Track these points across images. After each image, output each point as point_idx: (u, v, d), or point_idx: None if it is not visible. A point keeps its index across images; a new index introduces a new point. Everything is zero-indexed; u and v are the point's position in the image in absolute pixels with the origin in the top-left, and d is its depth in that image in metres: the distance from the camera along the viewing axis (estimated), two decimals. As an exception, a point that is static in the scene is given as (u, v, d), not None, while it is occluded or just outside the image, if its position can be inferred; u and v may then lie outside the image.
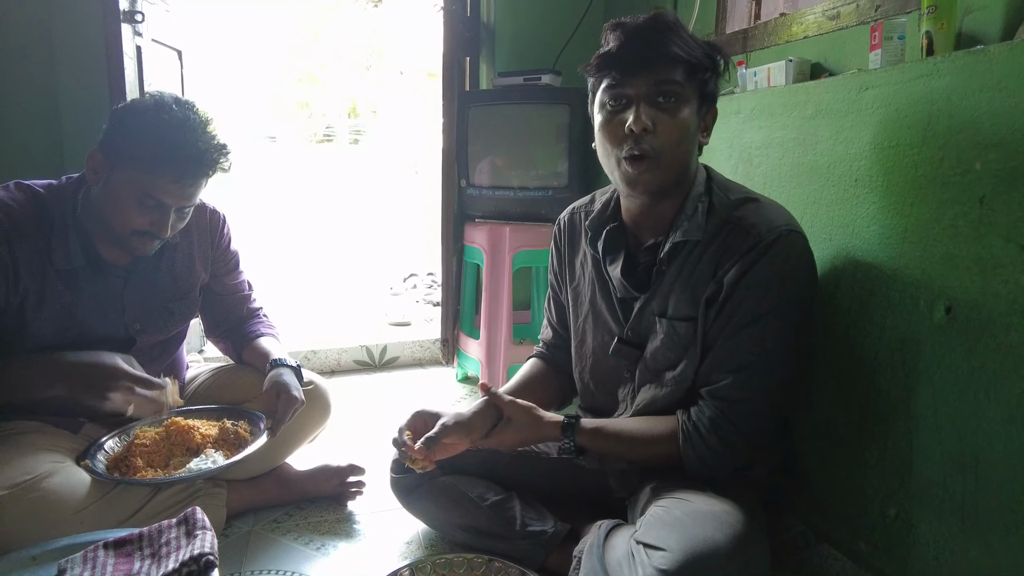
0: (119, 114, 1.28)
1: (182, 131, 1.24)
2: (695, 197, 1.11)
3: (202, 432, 1.39)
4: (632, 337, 1.19)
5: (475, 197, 2.37)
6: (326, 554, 1.40)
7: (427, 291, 4.06)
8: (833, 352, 1.27)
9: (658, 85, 1.03)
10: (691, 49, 1.04)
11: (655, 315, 1.15)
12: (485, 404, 1.18)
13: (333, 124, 14.23)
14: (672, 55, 1.02)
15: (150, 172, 1.23)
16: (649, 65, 1.03)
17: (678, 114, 1.04)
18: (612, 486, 1.27)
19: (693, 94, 1.05)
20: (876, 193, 1.19)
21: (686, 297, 1.11)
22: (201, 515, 1.06)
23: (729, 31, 1.96)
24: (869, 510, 1.20)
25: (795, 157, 1.42)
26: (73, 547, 1.02)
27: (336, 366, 2.72)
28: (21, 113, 2.16)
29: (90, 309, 1.34)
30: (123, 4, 1.95)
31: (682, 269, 1.11)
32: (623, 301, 1.20)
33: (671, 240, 1.10)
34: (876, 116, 1.18)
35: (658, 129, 1.03)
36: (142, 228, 1.28)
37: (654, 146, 1.04)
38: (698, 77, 1.05)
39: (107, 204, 1.27)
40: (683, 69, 1.03)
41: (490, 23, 2.56)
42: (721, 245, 1.08)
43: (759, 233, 1.05)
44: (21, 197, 1.29)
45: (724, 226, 1.08)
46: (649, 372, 1.18)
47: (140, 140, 1.23)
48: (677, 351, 1.13)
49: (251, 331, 1.63)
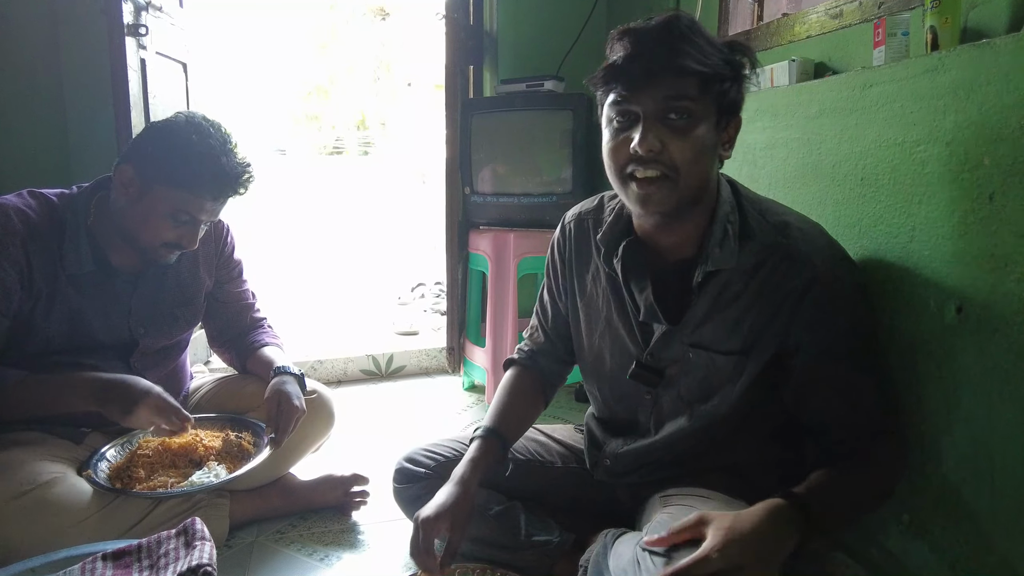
0: (157, 134, 1.32)
1: (224, 153, 1.31)
2: (723, 217, 1.01)
3: (205, 444, 1.38)
4: (652, 362, 1.11)
5: (480, 204, 2.37)
6: (330, 565, 1.39)
7: (435, 300, 4.05)
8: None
9: (668, 101, 0.93)
10: (706, 57, 0.93)
11: (686, 344, 1.07)
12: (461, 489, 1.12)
13: (342, 136, 14.34)
14: (684, 67, 0.91)
15: (191, 191, 1.29)
16: (658, 79, 0.92)
17: (691, 132, 0.94)
18: (619, 497, 1.25)
19: (710, 108, 0.95)
20: (882, 192, 1.17)
21: (728, 329, 1.03)
22: (200, 526, 1.06)
23: (732, 32, 1.95)
24: (882, 516, 1.17)
25: (800, 157, 1.40)
26: (72, 559, 1.02)
27: (343, 376, 2.71)
28: (30, 126, 2.19)
29: (97, 313, 1.36)
30: (127, 18, 1.97)
31: (718, 298, 1.02)
32: (644, 325, 1.11)
33: (703, 268, 1.02)
34: (881, 113, 1.16)
35: (669, 149, 0.94)
36: (171, 241, 1.33)
37: (666, 165, 0.95)
38: (715, 88, 0.94)
39: (137, 217, 1.31)
40: (697, 81, 0.92)
41: (492, 31, 2.56)
42: (769, 276, 0.99)
43: (814, 266, 0.98)
44: (35, 204, 1.31)
45: (768, 253, 1.00)
46: (682, 402, 1.11)
47: (181, 161, 1.28)
48: (714, 384, 1.07)
49: (255, 341, 1.63)
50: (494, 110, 2.35)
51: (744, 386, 1.05)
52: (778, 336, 1.01)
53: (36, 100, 2.19)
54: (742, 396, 1.06)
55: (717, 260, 1.01)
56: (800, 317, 0.98)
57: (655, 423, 1.16)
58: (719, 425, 1.09)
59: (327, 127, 14.28)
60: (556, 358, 1.33)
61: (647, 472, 1.19)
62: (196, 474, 1.31)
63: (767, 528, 0.89)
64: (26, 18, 2.16)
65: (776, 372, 1.04)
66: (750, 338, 1.02)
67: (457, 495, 1.11)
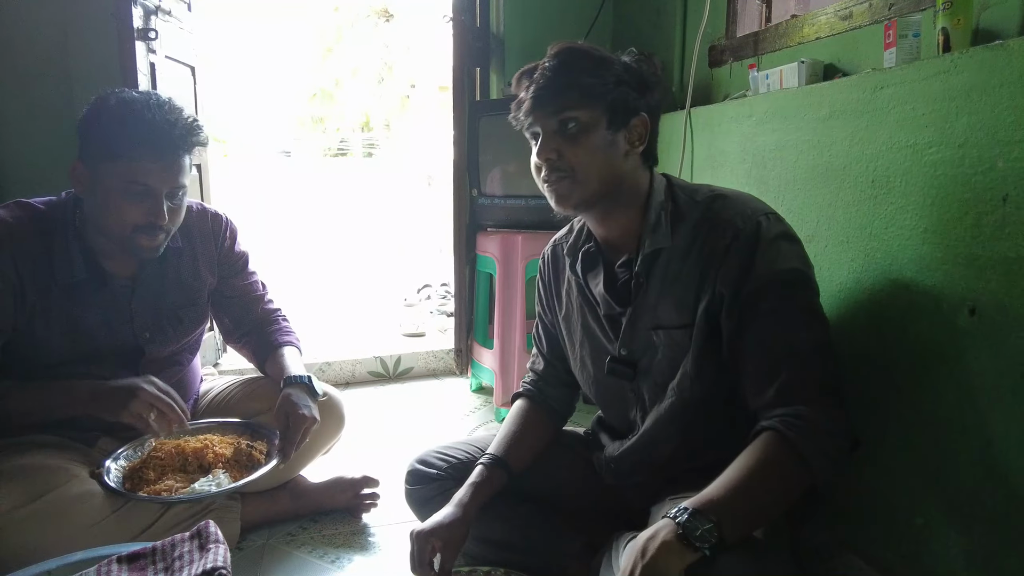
0: (86, 116, 1.27)
1: (148, 109, 1.24)
2: (656, 206, 1.12)
3: (216, 451, 1.37)
4: (626, 355, 1.17)
5: (487, 207, 2.37)
6: (341, 567, 1.39)
7: (441, 302, 4.06)
8: (852, 356, 1.24)
9: (558, 121, 1.08)
10: (589, 76, 1.07)
11: (649, 329, 1.12)
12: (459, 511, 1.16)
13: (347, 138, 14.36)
14: (566, 90, 1.07)
15: (128, 157, 1.22)
16: (547, 104, 1.08)
17: (583, 138, 1.07)
18: (629, 500, 1.25)
19: (599, 115, 1.07)
20: (894, 194, 1.17)
21: (676, 305, 1.09)
22: (214, 529, 1.06)
23: (740, 34, 1.95)
24: (895, 519, 1.17)
25: (810, 159, 1.40)
26: (87, 561, 1.01)
27: (351, 377, 2.72)
28: (39, 133, 2.20)
29: (97, 321, 1.34)
30: (137, 22, 1.98)
31: (664, 278, 1.10)
32: (610, 318, 1.18)
33: (642, 252, 1.11)
34: (892, 115, 1.16)
35: (565, 154, 1.08)
36: (140, 221, 1.26)
37: (566, 165, 1.08)
38: (600, 97, 1.07)
39: (100, 208, 1.27)
40: (579, 97, 1.07)
41: (499, 33, 2.57)
42: (702, 248, 1.07)
43: (736, 226, 1.04)
44: (22, 215, 1.29)
45: (698, 228, 1.09)
46: (658, 388, 1.14)
47: (110, 130, 1.23)
48: (677, 360, 1.11)
49: (273, 339, 1.60)
50: (502, 112, 2.33)
51: (695, 354, 1.07)
52: (709, 294, 1.05)
53: (46, 105, 2.20)
54: (699, 369, 1.07)
55: (652, 242, 1.10)
56: (723, 271, 1.04)
57: (642, 417, 1.19)
58: (694, 408, 1.10)
59: (332, 129, 14.31)
60: (559, 381, 1.36)
61: (649, 472, 1.20)
62: (200, 481, 1.30)
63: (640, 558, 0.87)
64: (36, 24, 2.17)
65: (716, 335, 1.06)
66: (694, 306, 1.08)
67: (454, 516, 1.15)
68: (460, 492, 1.20)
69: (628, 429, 1.23)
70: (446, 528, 1.13)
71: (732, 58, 1.95)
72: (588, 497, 1.31)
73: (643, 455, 1.19)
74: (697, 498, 0.91)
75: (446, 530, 1.13)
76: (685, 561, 0.86)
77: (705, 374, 1.08)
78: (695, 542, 0.86)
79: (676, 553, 0.86)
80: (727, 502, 0.90)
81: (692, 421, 1.12)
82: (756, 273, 1.01)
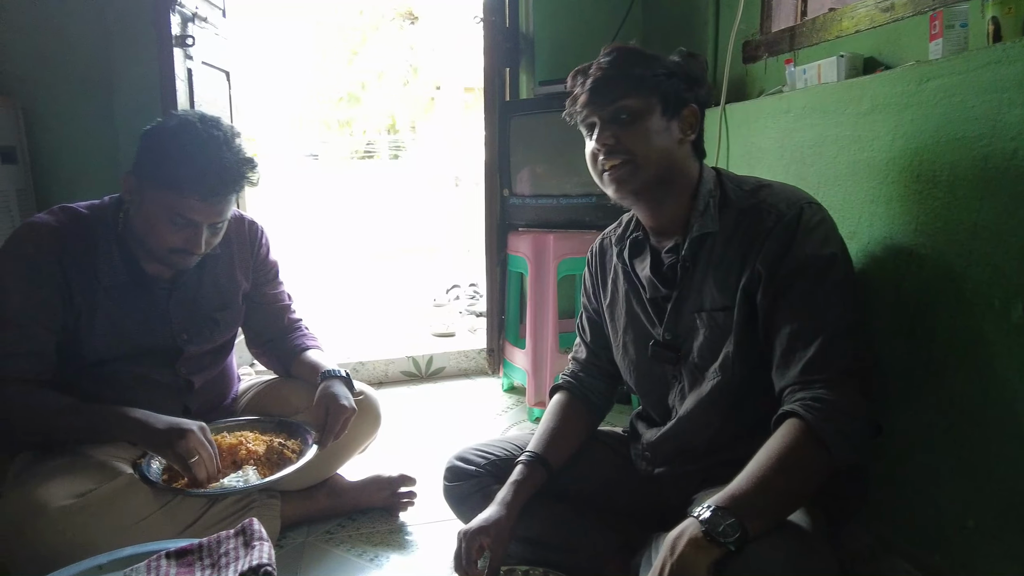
0: (146, 136, 1.29)
1: (206, 150, 1.25)
2: (705, 194, 1.16)
3: (249, 448, 1.39)
4: (670, 339, 1.20)
5: (518, 206, 2.37)
6: (379, 565, 1.40)
7: (469, 302, 4.07)
8: (899, 354, 1.22)
9: (614, 109, 1.12)
10: (639, 70, 1.12)
11: (693, 312, 1.16)
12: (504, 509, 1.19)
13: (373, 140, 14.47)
14: (622, 81, 1.12)
15: (177, 192, 1.24)
16: (603, 95, 1.13)
17: (639, 124, 1.12)
18: (668, 498, 1.24)
19: (654, 103, 1.12)
20: (941, 189, 1.14)
21: (718, 287, 1.12)
22: (258, 526, 1.08)
23: (775, 29, 1.92)
24: (944, 520, 1.14)
25: (851, 155, 1.37)
26: (137, 556, 1.04)
27: (384, 377, 2.74)
28: (84, 139, 2.28)
29: (138, 322, 1.37)
30: (175, 29, 2.02)
31: (709, 262, 1.14)
32: (654, 301, 1.21)
33: (689, 236, 1.15)
34: (939, 109, 1.13)
35: (621, 140, 1.12)
36: (177, 246, 1.29)
37: (625, 149, 1.12)
38: (653, 88, 1.12)
39: (142, 224, 1.30)
40: (633, 87, 1.12)
41: (529, 33, 2.57)
42: (745, 233, 1.10)
43: (779, 211, 1.07)
44: (66, 219, 1.33)
45: (743, 215, 1.12)
46: (697, 371, 1.16)
47: (166, 161, 1.25)
48: (719, 343, 1.12)
49: (297, 344, 1.64)
50: (532, 112, 2.35)
51: (738, 338, 1.09)
52: (747, 274, 1.08)
53: (89, 111, 2.27)
54: (740, 351, 1.09)
55: (700, 227, 1.14)
56: (763, 252, 1.06)
57: (681, 401, 1.20)
58: (734, 391, 1.11)
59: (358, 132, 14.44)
60: (600, 371, 1.38)
61: (685, 460, 1.20)
62: (229, 477, 1.33)
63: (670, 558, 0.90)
64: (81, 33, 2.24)
65: (755, 316, 1.08)
66: (735, 289, 1.10)
67: (499, 514, 1.17)
68: (503, 491, 1.21)
69: (666, 416, 1.24)
70: (494, 525, 1.15)
71: (767, 53, 1.93)
72: (626, 496, 1.31)
73: (681, 441, 1.20)
74: (721, 495, 0.93)
75: (494, 527, 1.15)
76: (712, 556, 0.88)
77: (746, 357, 1.09)
78: (719, 538, 0.88)
79: (703, 549, 0.88)
80: (749, 496, 0.92)
81: (731, 405, 1.13)
82: (794, 254, 1.04)
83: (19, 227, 1.31)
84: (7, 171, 2.10)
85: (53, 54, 2.23)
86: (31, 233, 1.29)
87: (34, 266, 1.26)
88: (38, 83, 2.23)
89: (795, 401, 0.98)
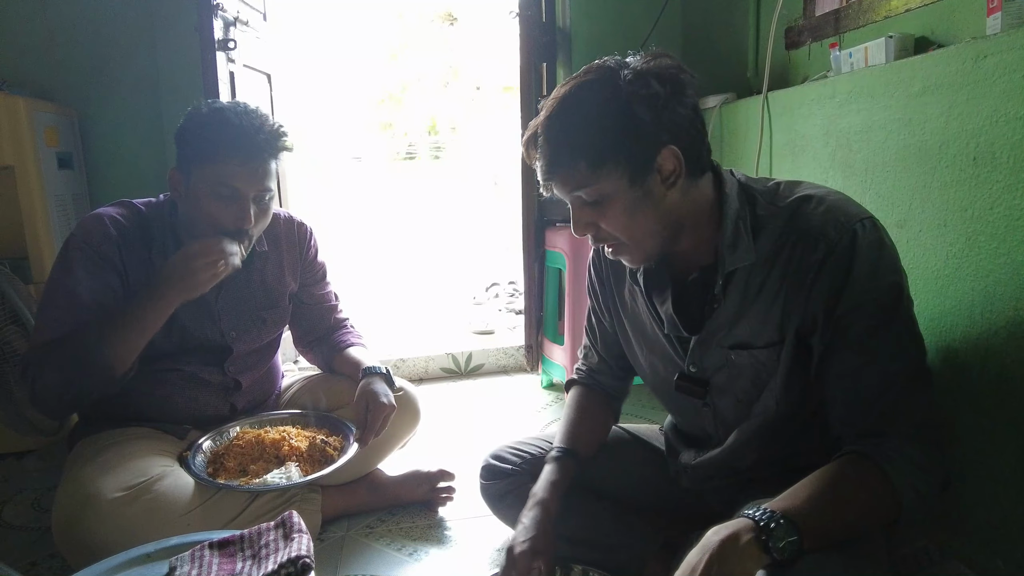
0: (179, 129, 1.35)
1: (235, 117, 1.30)
2: (732, 216, 0.98)
3: (291, 444, 1.42)
4: (696, 372, 1.08)
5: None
6: (418, 560, 1.41)
7: (509, 299, 4.07)
8: (953, 347, 1.16)
9: (573, 193, 0.97)
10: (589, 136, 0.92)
11: (726, 348, 1.03)
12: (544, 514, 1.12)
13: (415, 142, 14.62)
14: (571, 163, 0.94)
15: (216, 160, 1.28)
16: (558, 183, 0.97)
17: (609, 208, 0.96)
18: (708, 500, 1.20)
19: (617, 177, 0.93)
20: (1000, 171, 1.08)
21: (761, 322, 0.99)
22: (298, 519, 1.09)
23: (819, 13, 1.85)
24: (1009, 524, 1.08)
25: (900, 139, 1.31)
26: (182, 546, 1.06)
27: (424, 374, 2.76)
28: (135, 144, 2.36)
29: (189, 316, 1.41)
30: (217, 34, 2.07)
31: (745, 295, 0.99)
32: (677, 336, 1.09)
33: (721, 272, 0.99)
34: (998, 86, 1.07)
35: (602, 226, 0.98)
36: (228, 225, 1.31)
37: (609, 235, 0.99)
38: (611, 158, 0.92)
39: (191, 210, 1.34)
40: (587, 167, 0.93)
41: (566, 27, 2.54)
42: (789, 262, 0.95)
43: (829, 238, 0.91)
44: (126, 212, 1.39)
45: (784, 239, 0.95)
46: (741, 406, 1.07)
47: (201, 139, 1.30)
48: (762, 378, 1.02)
49: (340, 341, 1.67)
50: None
51: (784, 375, 0.98)
52: (800, 313, 0.95)
53: (139, 117, 2.35)
54: (785, 386, 0.99)
55: (733, 260, 0.97)
56: (816, 289, 0.92)
57: (722, 432, 1.12)
58: (779, 422, 1.03)
59: (399, 134, 14.62)
60: (613, 376, 1.33)
61: (727, 476, 1.15)
62: (272, 473, 1.35)
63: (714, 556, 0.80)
64: (131, 42, 2.32)
65: (807, 355, 0.96)
66: (782, 325, 0.97)
67: (544, 523, 1.10)
68: (540, 492, 1.15)
69: (704, 438, 1.18)
70: (542, 539, 1.09)
71: (811, 38, 1.87)
72: (667, 496, 1.28)
73: (723, 467, 1.14)
74: (784, 506, 0.84)
75: (542, 541, 1.08)
76: (760, 565, 0.81)
77: (794, 392, 1.00)
78: (773, 552, 0.80)
79: (755, 559, 0.81)
80: (814, 517, 0.83)
81: (777, 433, 1.05)
82: (852, 289, 0.90)
83: (84, 217, 1.37)
84: (64, 176, 2.19)
85: (106, 63, 2.32)
86: (95, 223, 1.34)
87: (99, 251, 1.31)
88: (92, 91, 2.32)
89: (869, 446, 0.88)
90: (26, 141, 1.99)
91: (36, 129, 2.03)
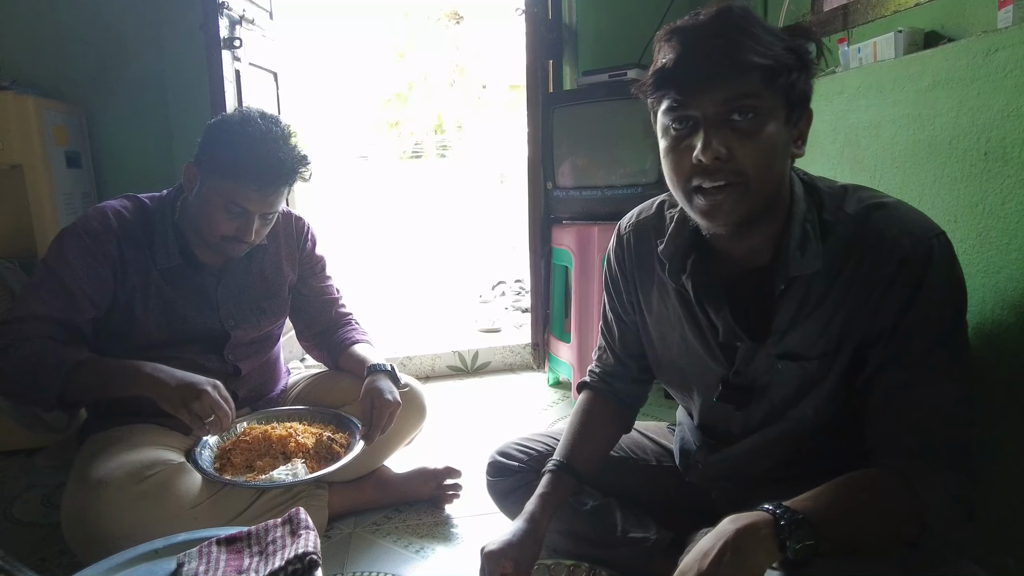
0: (210, 128, 1.38)
1: (264, 143, 1.32)
2: (800, 217, 0.91)
3: (298, 440, 1.42)
4: (739, 380, 1.02)
5: (562, 199, 2.35)
6: (425, 557, 1.41)
7: (515, 298, 4.07)
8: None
9: (730, 102, 0.84)
10: (768, 47, 0.83)
11: (773, 356, 0.97)
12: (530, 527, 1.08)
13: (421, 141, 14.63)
14: (744, 62, 0.82)
15: (235, 181, 1.32)
16: (716, 79, 0.84)
17: (760, 132, 0.85)
18: (716, 501, 1.19)
19: (779, 103, 0.85)
20: (1012, 166, 1.07)
21: (818, 332, 0.93)
22: (304, 516, 1.09)
23: (827, 8, 1.84)
24: (1020, 522, 1.07)
25: (910, 134, 1.30)
26: (190, 542, 1.06)
27: (431, 371, 2.76)
28: (141, 141, 2.38)
29: (188, 304, 1.44)
30: (223, 32, 2.07)
31: (803, 303, 0.93)
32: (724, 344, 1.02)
33: (786, 276, 0.92)
34: (1009, 80, 1.06)
35: (736, 155, 0.85)
36: (229, 234, 1.36)
37: (735, 172, 0.86)
38: (782, 80, 0.84)
39: (198, 211, 1.37)
40: (760, 76, 0.83)
41: (572, 23, 2.54)
42: (858, 271, 0.89)
43: (904, 250, 0.86)
44: (130, 206, 1.42)
45: (853, 247, 0.90)
46: (775, 411, 1.03)
47: (226, 152, 1.32)
48: (805, 388, 0.98)
49: (346, 338, 1.67)
50: (576, 103, 2.31)
51: (831, 386, 0.95)
52: (864, 325, 0.90)
53: (145, 114, 2.36)
54: (829, 397, 0.95)
55: (800, 264, 0.91)
56: (889, 300, 0.87)
57: (745, 432, 1.09)
58: (810, 429, 1.00)
59: (406, 132, 14.63)
60: (630, 379, 1.24)
61: (740, 479, 1.13)
62: (278, 469, 1.35)
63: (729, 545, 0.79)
64: (137, 40, 2.33)
65: (860, 367, 0.93)
66: (841, 336, 0.92)
67: (525, 533, 1.07)
68: (530, 505, 1.12)
69: (724, 437, 1.13)
70: (517, 547, 1.05)
71: (819, 34, 1.85)
72: (674, 492, 1.27)
73: (740, 467, 1.11)
74: (805, 507, 0.81)
75: (516, 549, 1.05)
76: (773, 561, 0.79)
77: (835, 404, 0.96)
78: (788, 552, 0.78)
79: (769, 554, 0.79)
80: (835, 524, 0.81)
81: (803, 440, 1.02)
82: (921, 305, 0.86)
83: (90, 208, 1.41)
84: (73, 175, 2.20)
85: (113, 61, 2.33)
86: (98, 214, 1.37)
87: (96, 242, 1.34)
88: (100, 90, 2.33)
89: (907, 465, 0.86)
90: (35, 140, 2.00)
91: (45, 128, 2.05)
